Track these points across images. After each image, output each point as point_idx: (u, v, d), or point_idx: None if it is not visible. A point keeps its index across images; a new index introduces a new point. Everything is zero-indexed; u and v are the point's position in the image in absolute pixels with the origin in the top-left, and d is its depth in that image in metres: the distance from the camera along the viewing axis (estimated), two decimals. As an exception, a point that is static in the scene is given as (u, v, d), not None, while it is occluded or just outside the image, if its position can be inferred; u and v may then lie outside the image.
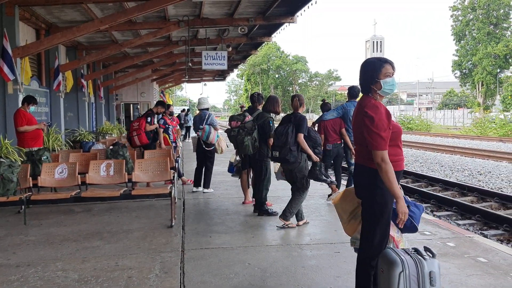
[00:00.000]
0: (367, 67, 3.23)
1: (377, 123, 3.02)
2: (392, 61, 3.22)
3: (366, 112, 3.07)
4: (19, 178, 6.47)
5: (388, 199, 3.14)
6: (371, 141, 3.04)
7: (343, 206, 3.56)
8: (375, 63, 3.20)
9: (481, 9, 60.74)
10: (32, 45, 10.21)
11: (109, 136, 15.79)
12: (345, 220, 3.58)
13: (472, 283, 4.03)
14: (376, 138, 3.02)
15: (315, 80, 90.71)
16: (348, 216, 3.52)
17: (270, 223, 6.23)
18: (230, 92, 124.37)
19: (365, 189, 3.23)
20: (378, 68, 3.17)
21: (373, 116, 3.03)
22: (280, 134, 5.69)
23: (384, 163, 3.00)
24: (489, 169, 14.46)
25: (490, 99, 62.14)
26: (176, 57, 19.68)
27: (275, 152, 5.76)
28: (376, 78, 3.16)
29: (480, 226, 7.95)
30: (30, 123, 8.31)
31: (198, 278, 4.18)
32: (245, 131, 6.52)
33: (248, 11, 12.45)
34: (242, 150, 6.65)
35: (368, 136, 3.05)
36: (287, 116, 5.95)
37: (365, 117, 3.07)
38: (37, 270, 4.44)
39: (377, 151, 3.02)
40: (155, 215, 6.80)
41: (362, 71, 3.25)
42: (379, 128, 3.02)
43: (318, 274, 4.28)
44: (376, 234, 3.18)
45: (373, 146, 3.03)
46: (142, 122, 8.77)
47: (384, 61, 3.19)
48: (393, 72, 3.19)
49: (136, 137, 8.70)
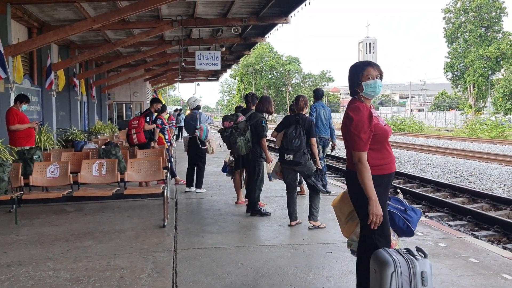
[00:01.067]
0: (352, 70, 3.27)
1: (356, 124, 3.07)
2: (377, 64, 3.26)
3: (347, 113, 3.16)
4: (11, 177, 6.42)
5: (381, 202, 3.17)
6: (350, 142, 3.10)
7: (341, 208, 3.57)
8: (358, 66, 3.25)
9: (473, 11, 61.22)
10: (24, 44, 10.15)
11: (101, 136, 15.74)
12: (343, 222, 3.59)
13: (463, 283, 4.06)
14: (354, 138, 3.07)
15: (308, 81, 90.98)
16: (346, 217, 3.53)
17: (263, 223, 6.24)
18: (223, 92, 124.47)
19: (355, 194, 3.25)
20: (360, 71, 3.21)
21: (353, 117, 3.09)
22: (293, 138, 5.67)
23: (361, 163, 3.05)
24: (480, 170, 14.56)
25: (481, 101, 62.60)
26: (169, 56, 19.64)
27: (288, 156, 5.69)
28: (358, 80, 3.20)
29: (471, 227, 8.00)
30: (22, 121, 8.26)
31: (191, 278, 4.18)
32: (238, 132, 6.51)
33: (242, 12, 12.45)
34: (235, 150, 6.65)
35: (348, 137, 3.12)
36: (291, 117, 5.90)
37: (346, 118, 3.14)
38: (28, 269, 4.41)
39: (355, 152, 3.08)
40: (147, 214, 6.78)
41: (348, 75, 3.30)
42: (358, 129, 3.06)
43: (310, 274, 4.29)
44: (375, 235, 3.20)
45: (352, 146, 3.10)
46: (142, 121, 8.77)
47: (367, 64, 3.23)
48: (377, 74, 3.21)
49: (134, 135, 8.71)
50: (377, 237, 3.17)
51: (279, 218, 6.50)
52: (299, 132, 5.67)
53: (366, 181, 3.04)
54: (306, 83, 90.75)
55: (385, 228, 3.19)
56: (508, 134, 32.74)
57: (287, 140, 5.71)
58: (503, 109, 51.05)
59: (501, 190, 11.37)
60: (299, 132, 5.67)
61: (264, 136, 6.64)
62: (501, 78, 55.58)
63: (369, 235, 3.19)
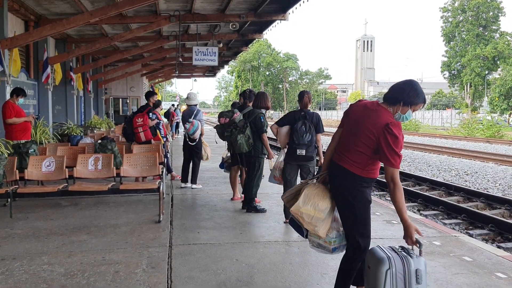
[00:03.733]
0: (413, 89, 3.20)
1: (399, 142, 3.10)
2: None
3: (391, 129, 3.10)
4: (6, 171, 6.39)
5: (367, 201, 3.30)
6: (389, 158, 3.09)
7: (316, 206, 3.38)
8: (420, 92, 3.21)
9: (470, 11, 61.30)
10: (21, 37, 10.08)
11: (97, 130, 15.68)
12: (321, 220, 3.38)
13: (457, 281, 4.08)
14: (394, 155, 3.09)
15: (305, 78, 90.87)
16: (325, 214, 3.39)
17: (259, 220, 6.24)
18: (220, 89, 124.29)
19: (347, 190, 3.29)
20: (419, 100, 3.20)
21: (398, 135, 3.10)
22: (304, 132, 5.65)
23: (394, 183, 3.11)
24: (475, 169, 14.62)
25: (478, 101, 62.77)
26: (166, 52, 19.58)
27: (300, 151, 5.66)
28: (411, 104, 3.19)
29: (466, 226, 8.03)
30: (18, 115, 8.23)
31: (186, 273, 4.18)
32: (237, 130, 6.51)
33: (240, 8, 12.42)
34: (237, 149, 6.61)
35: (387, 153, 3.10)
36: (295, 113, 5.84)
37: (389, 134, 3.10)
38: (23, 263, 4.40)
39: (391, 168, 3.10)
40: (143, 210, 6.77)
41: (407, 89, 3.20)
42: (399, 147, 3.10)
43: (305, 271, 4.30)
44: (362, 232, 3.30)
45: (389, 163, 3.10)
46: (146, 118, 8.71)
47: (424, 99, 3.23)
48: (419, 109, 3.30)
49: (142, 133, 8.64)
50: (359, 236, 3.29)
51: (275, 214, 6.50)
52: (308, 126, 5.67)
53: (401, 204, 3.10)
54: (303, 80, 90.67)
55: (367, 228, 3.33)
56: (504, 134, 32.89)
57: (298, 135, 5.66)
58: (499, 109, 51.22)
59: (496, 189, 11.42)
60: (308, 126, 5.67)
61: (264, 131, 6.64)
62: (498, 77, 55.69)
63: (352, 235, 3.31)
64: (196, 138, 8.57)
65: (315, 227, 3.39)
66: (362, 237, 3.29)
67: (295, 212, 3.41)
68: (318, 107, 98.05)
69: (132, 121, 8.70)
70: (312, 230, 3.42)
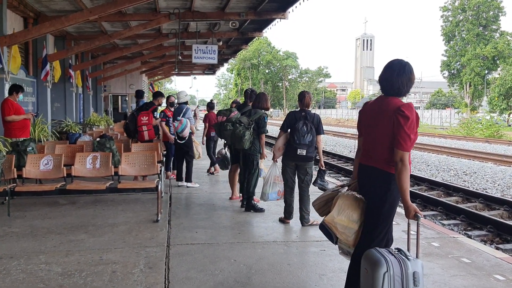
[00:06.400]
0: (407, 69, 3.20)
1: (410, 123, 3.05)
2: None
3: (402, 111, 3.07)
4: (4, 169, 6.38)
5: (396, 202, 3.25)
6: (399, 141, 3.05)
7: (349, 216, 3.39)
8: (411, 68, 3.22)
9: (471, 10, 61.22)
10: (20, 34, 10.04)
11: (96, 128, 15.64)
12: (354, 231, 3.39)
13: (455, 283, 4.07)
14: (405, 137, 3.04)
15: (305, 76, 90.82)
16: (359, 224, 3.39)
17: (257, 219, 6.23)
18: (220, 86, 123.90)
19: (376, 189, 3.26)
20: (413, 74, 3.22)
21: (409, 116, 3.05)
22: (305, 133, 5.64)
23: (403, 163, 3.04)
24: (474, 169, 14.61)
25: (477, 100, 62.75)
26: (166, 49, 19.52)
27: (300, 151, 5.66)
28: (411, 82, 3.21)
29: (464, 227, 8.03)
30: (17, 113, 8.20)
31: (183, 274, 4.16)
32: (242, 126, 6.50)
33: (240, 6, 12.38)
34: (238, 144, 6.59)
35: (398, 135, 3.06)
36: (296, 113, 5.82)
37: (401, 116, 3.06)
38: (20, 262, 4.39)
39: (400, 151, 3.05)
40: (141, 209, 6.76)
41: (400, 72, 3.19)
42: (410, 128, 3.05)
43: (303, 272, 4.29)
44: (381, 233, 3.26)
45: (399, 145, 3.05)
46: (151, 117, 8.69)
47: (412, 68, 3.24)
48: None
49: (146, 132, 8.64)
50: (382, 239, 3.27)
51: (273, 214, 6.49)
52: (309, 127, 5.67)
53: (406, 185, 3.05)
54: (303, 78, 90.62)
55: (390, 228, 3.32)
56: (503, 134, 32.88)
57: (299, 135, 5.65)
58: (499, 109, 51.19)
59: (495, 190, 11.41)
60: (309, 127, 5.67)
61: (264, 132, 6.65)
62: (498, 77, 55.67)
63: (377, 238, 3.27)
64: (186, 136, 8.54)
65: (348, 237, 3.42)
66: (382, 237, 3.28)
67: (329, 222, 3.42)
68: (318, 105, 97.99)
69: (137, 119, 8.68)
70: (345, 239, 3.43)
